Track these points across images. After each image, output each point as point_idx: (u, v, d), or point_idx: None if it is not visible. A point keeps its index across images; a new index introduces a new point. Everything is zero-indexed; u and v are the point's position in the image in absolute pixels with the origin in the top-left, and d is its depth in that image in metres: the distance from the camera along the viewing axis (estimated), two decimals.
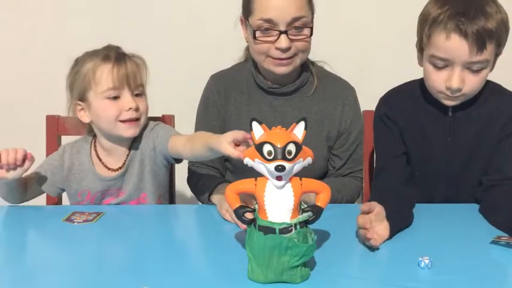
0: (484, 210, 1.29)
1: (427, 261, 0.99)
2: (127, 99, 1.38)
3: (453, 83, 1.24)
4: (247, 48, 1.57)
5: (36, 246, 1.17)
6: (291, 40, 1.40)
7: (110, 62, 1.38)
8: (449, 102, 1.30)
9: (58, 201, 1.57)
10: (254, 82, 1.55)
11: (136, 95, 1.41)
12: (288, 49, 1.41)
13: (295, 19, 1.39)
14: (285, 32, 1.40)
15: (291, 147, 0.88)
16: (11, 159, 1.30)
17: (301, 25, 1.41)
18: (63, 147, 1.51)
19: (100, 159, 1.47)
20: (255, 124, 0.93)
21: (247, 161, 0.93)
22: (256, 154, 0.90)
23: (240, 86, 1.56)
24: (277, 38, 1.40)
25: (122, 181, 1.45)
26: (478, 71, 1.25)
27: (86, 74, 1.38)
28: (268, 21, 1.40)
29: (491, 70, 1.29)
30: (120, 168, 1.45)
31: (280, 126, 0.93)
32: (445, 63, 1.25)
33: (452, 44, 1.22)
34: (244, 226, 1.14)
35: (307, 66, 1.54)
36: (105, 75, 1.37)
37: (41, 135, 1.70)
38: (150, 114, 1.72)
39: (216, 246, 1.12)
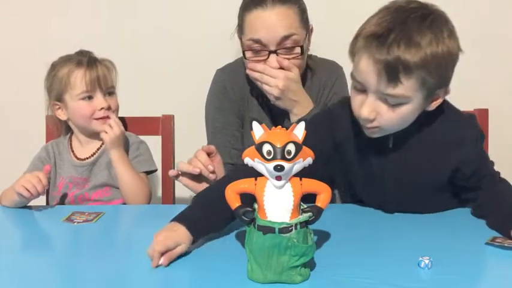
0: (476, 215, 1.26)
1: (427, 261, 0.99)
2: (99, 99, 1.54)
3: (362, 110, 1.11)
4: None
5: (36, 246, 1.17)
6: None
7: (83, 67, 1.53)
8: (368, 133, 1.16)
9: (58, 200, 1.57)
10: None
11: (109, 94, 1.56)
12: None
13: (285, 38, 1.39)
14: (275, 52, 1.39)
15: (291, 147, 0.88)
16: (40, 189, 1.35)
17: (292, 44, 1.40)
18: (44, 145, 1.66)
19: (73, 150, 1.61)
20: (255, 124, 0.93)
21: (247, 160, 0.93)
22: (256, 154, 0.90)
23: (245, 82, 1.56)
24: (267, 58, 1.40)
25: (91, 171, 1.58)
26: (394, 106, 1.09)
27: (61, 79, 1.53)
28: (258, 41, 1.40)
29: (431, 103, 1.12)
30: (91, 156, 1.59)
31: (280, 126, 0.93)
32: (362, 87, 1.11)
33: (363, 67, 1.08)
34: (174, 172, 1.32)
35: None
36: (79, 79, 1.52)
37: (41, 135, 1.70)
38: (150, 114, 1.73)
39: (215, 245, 1.12)
